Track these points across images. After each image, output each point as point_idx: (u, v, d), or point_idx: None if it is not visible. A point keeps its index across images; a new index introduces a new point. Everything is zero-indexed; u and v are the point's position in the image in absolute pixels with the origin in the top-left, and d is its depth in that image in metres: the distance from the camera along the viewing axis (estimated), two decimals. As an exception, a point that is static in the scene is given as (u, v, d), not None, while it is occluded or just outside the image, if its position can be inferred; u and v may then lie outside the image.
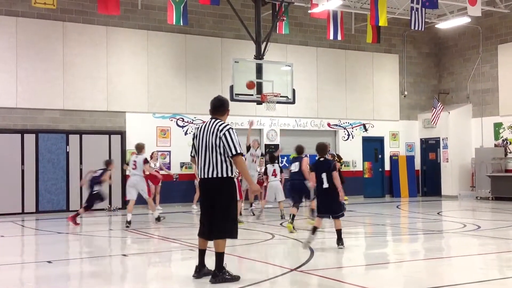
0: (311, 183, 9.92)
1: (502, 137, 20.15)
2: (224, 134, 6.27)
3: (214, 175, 6.31)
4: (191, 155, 6.67)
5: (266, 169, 13.68)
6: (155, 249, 9.70)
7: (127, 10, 17.41)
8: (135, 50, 17.66)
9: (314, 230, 8.69)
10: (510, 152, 19.56)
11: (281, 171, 13.65)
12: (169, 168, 17.71)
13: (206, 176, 6.37)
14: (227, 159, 6.32)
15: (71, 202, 16.53)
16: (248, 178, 6.53)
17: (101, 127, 17.07)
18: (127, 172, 14.03)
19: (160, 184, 16.86)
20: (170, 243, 9.97)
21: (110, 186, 16.90)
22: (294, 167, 11.69)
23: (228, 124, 6.43)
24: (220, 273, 6.30)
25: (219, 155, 6.30)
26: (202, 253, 6.60)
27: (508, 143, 19.83)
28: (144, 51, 17.75)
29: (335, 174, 8.77)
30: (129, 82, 17.49)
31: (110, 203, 16.78)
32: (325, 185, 8.80)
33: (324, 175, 8.82)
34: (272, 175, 13.30)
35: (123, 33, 17.51)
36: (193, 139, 6.62)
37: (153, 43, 17.88)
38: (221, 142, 6.27)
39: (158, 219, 13.02)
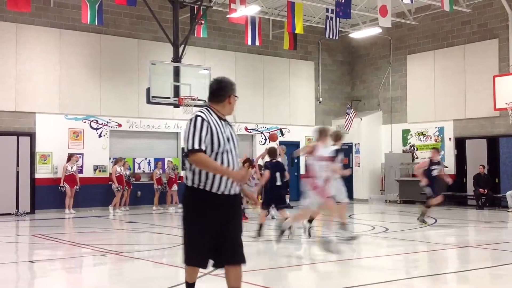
0: (263, 181, 11.04)
1: (410, 143, 21.13)
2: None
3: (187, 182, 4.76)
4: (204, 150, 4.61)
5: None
6: (65, 255, 9.36)
7: (38, 8, 16.73)
8: (46, 49, 17.00)
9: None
10: (417, 158, 20.53)
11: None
12: (81, 171, 17.18)
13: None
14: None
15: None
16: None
17: (8, 128, 16.28)
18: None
19: (76, 187, 16.40)
20: (81, 249, 9.66)
21: (18, 190, 16.24)
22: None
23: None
24: None
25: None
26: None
27: (415, 149, 20.82)
28: (56, 50, 17.13)
29: (287, 174, 10.38)
30: (39, 81, 16.81)
31: (17, 207, 16.04)
32: (278, 182, 10.56)
33: (278, 174, 10.55)
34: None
35: (34, 31, 16.81)
36: (212, 132, 4.70)
37: (66, 42, 17.29)
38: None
39: None
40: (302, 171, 20.78)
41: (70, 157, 16.52)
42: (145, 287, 6.44)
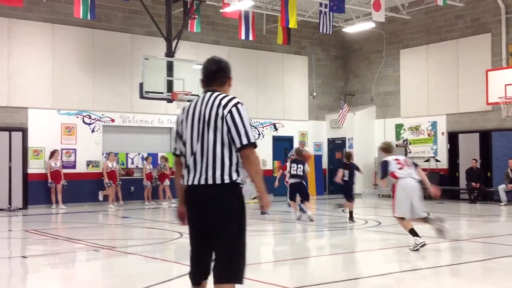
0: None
1: (403, 137, 21.18)
2: (231, 111, 4.03)
3: (210, 180, 3.93)
4: (175, 153, 4.19)
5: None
6: (58, 250, 9.33)
7: (31, 2, 16.63)
8: (39, 44, 16.91)
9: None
10: (410, 152, 20.58)
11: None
12: (74, 167, 17.14)
13: (198, 183, 3.95)
14: (228, 153, 3.98)
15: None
16: (259, 185, 4.03)
17: (0, 123, 16.20)
18: None
19: (62, 183, 16.36)
20: (74, 244, 9.64)
21: (10, 186, 16.18)
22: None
23: (235, 98, 4.16)
24: None
25: (225, 148, 3.97)
26: None
27: (408, 143, 20.86)
28: (49, 45, 17.04)
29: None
30: (32, 76, 16.73)
31: (10, 203, 15.99)
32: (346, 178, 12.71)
33: (346, 172, 12.59)
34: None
35: (27, 25, 16.72)
36: (177, 127, 4.19)
37: (59, 37, 17.21)
38: (225, 126, 3.98)
39: None
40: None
41: (52, 153, 16.47)
42: (138, 282, 6.44)
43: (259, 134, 21.05)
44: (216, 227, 3.94)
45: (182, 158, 4.10)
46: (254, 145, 3.96)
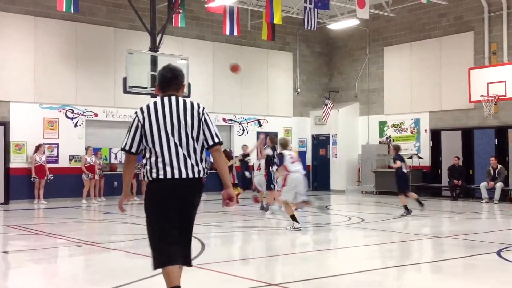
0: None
1: (386, 134, 21.32)
2: (205, 116, 4.60)
3: (190, 174, 4.46)
4: (128, 150, 4.54)
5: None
6: (40, 245, 9.24)
7: (13, -6, 16.43)
8: (21, 37, 16.71)
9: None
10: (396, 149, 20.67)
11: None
12: (57, 161, 16.99)
13: (179, 176, 4.43)
14: (200, 150, 4.58)
15: None
16: (226, 177, 4.65)
17: (-18, 117, 16.02)
18: None
19: (46, 178, 16.22)
20: (56, 239, 9.56)
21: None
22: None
23: (199, 103, 4.72)
24: None
25: (198, 146, 4.54)
26: None
27: (391, 140, 21.00)
28: (31, 38, 16.85)
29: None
30: (14, 70, 16.53)
31: (-9, 197, 15.82)
32: (404, 170, 13.13)
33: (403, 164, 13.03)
34: (257, 169, 14.13)
35: (9, 18, 16.51)
36: (137, 127, 4.53)
37: (41, 30, 17.01)
38: (201, 128, 4.55)
39: None
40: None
41: (38, 147, 16.32)
42: (120, 277, 6.41)
43: (243, 130, 21.03)
44: (190, 213, 4.56)
45: (135, 155, 4.58)
46: (221, 143, 4.68)
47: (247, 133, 21.11)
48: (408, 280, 6.59)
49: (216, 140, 4.60)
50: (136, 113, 4.62)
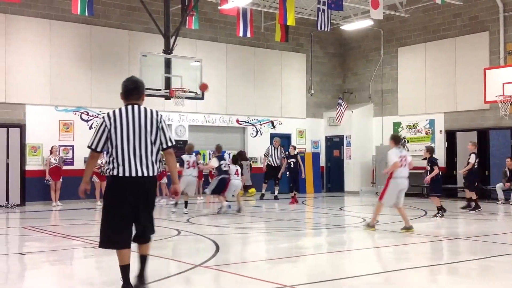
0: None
1: (401, 135, 21.18)
2: (162, 123, 5.47)
3: (146, 173, 5.36)
4: (94, 149, 5.41)
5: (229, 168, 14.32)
6: (55, 247, 9.32)
7: (28, -2, 16.60)
8: (36, 40, 16.87)
9: None
10: (407, 150, 20.56)
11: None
12: (72, 163, 17.11)
13: (142, 174, 5.33)
14: (156, 152, 5.48)
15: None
16: (175, 175, 5.70)
17: (-2, 120, 16.19)
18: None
19: (60, 180, 16.33)
20: (72, 241, 9.63)
21: (8, 182, 16.15)
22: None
23: (157, 110, 5.63)
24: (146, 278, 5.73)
25: (153, 148, 5.42)
26: (128, 269, 5.56)
27: (406, 141, 20.87)
28: (46, 41, 17.00)
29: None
30: (29, 73, 16.69)
31: (7, 199, 15.96)
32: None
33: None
34: (235, 174, 14.08)
35: (24, 21, 16.68)
36: (104, 130, 5.35)
37: (56, 33, 17.16)
38: (158, 133, 5.44)
39: None
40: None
41: (52, 149, 16.42)
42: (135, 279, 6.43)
43: (257, 131, 21.03)
44: (147, 205, 5.50)
45: (97, 153, 5.45)
46: (175, 146, 5.62)
47: (261, 134, 21.11)
48: (423, 282, 6.54)
49: (170, 143, 5.49)
50: (103, 118, 5.40)
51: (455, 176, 19.17)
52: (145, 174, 5.34)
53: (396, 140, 10.74)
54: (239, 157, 15.87)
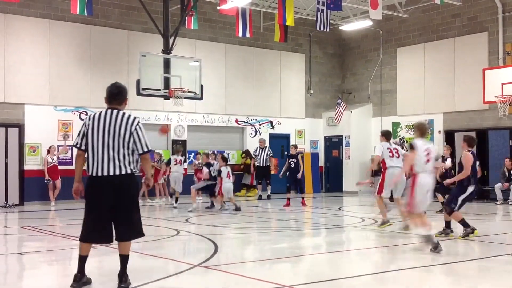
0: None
1: (400, 136, 21.19)
2: (136, 129, 5.77)
3: (117, 172, 5.69)
4: (79, 147, 5.83)
5: (220, 171, 14.33)
6: (54, 246, 9.32)
7: (27, -3, 16.59)
8: (35, 40, 16.87)
9: None
10: (406, 150, 20.56)
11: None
12: (71, 163, 17.10)
13: (108, 174, 5.69)
14: (131, 154, 5.79)
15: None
16: (149, 175, 6.18)
17: (-3, 119, 16.18)
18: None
19: (59, 179, 16.31)
20: (71, 241, 9.62)
21: (6, 182, 16.14)
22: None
23: (136, 117, 5.93)
24: (127, 277, 5.97)
25: (126, 150, 5.73)
26: (85, 260, 5.99)
27: (405, 141, 20.84)
28: (45, 41, 16.99)
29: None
30: (28, 72, 16.68)
31: (6, 199, 15.95)
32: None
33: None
34: (227, 177, 14.16)
35: (23, 21, 16.67)
36: (84, 131, 5.85)
37: (55, 33, 17.16)
38: (132, 138, 5.75)
39: None
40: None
41: (49, 149, 16.42)
42: (133, 279, 6.43)
43: (256, 131, 21.04)
44: (123, 204, 5.74)
45: (81, 151, 5.84)
46: (150, 151, 5.90)
47: (260, 134, 21.11)
48: (421, 282, 6.55)
49: (145, 149, 5.80)
50: (85, 119, 5.89)
51: (453, 176, 19.12)
52: (117, 173, 5.64)
53: (387, 135, 10.84)
54: (247, 156, 16.21)
